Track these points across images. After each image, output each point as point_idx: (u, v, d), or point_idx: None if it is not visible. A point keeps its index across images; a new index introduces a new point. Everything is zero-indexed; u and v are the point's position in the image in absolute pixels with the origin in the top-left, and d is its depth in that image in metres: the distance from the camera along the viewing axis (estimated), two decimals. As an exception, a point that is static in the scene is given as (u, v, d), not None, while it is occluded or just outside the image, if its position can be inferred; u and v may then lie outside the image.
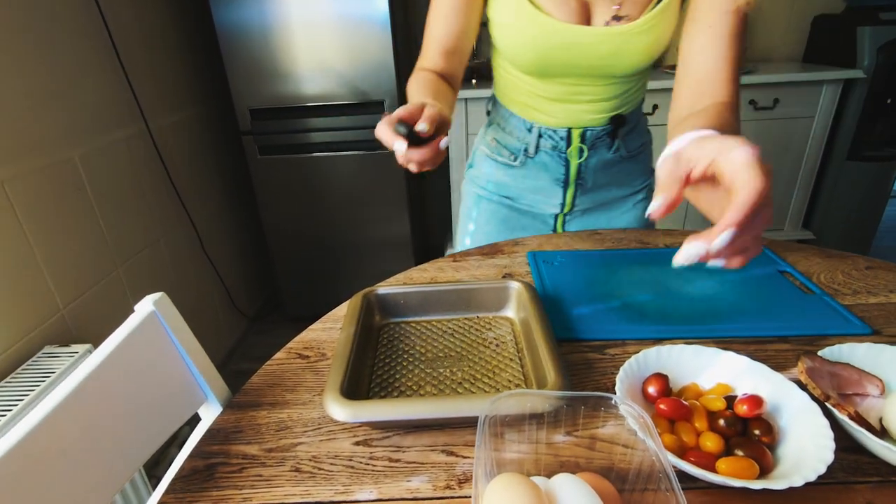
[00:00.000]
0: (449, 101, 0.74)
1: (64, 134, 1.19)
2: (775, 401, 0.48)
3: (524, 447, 0.46)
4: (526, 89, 0.81)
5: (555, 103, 0.80)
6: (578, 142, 0.83)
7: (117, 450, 0.48)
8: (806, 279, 0.73)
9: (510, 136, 0.88)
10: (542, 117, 0.83)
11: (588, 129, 0.82)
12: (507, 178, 0.91)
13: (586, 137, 0.83)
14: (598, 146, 0.85)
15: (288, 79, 1.77)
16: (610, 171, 0.89)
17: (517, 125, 0.86)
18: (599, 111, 0.81)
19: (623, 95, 0.81)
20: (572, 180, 0.88)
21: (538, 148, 0.85)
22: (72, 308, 1.18)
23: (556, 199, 0.92)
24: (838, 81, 1.97)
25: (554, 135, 0.83)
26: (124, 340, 0.48)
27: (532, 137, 0.85)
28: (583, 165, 0.86)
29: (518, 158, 0.88)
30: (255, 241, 2.23)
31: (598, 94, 0.79)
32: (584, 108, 0.81)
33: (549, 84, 0.78)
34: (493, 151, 0.92)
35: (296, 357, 0.64)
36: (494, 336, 0.66)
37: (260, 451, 0.50)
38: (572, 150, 0.84)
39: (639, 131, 0.90)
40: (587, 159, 0.85)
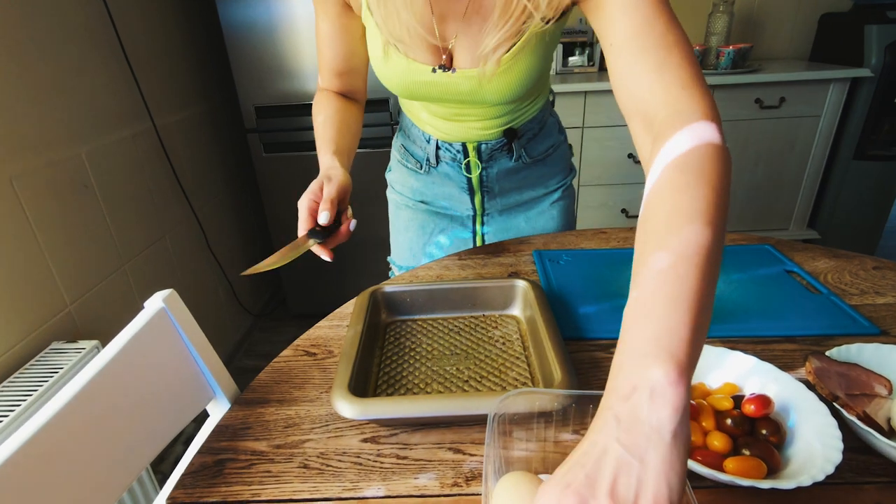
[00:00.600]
0: (352, 131, 0.75)
1: (71, 131, 1.20)
2: (783, 401, 0.48)
3: (532, 445, 0.46)
4: (417, 105, 0.81)
5: (444, 121, 0.80)
6: (474, 156, 0.82)
7: (126, 446, 0.49)
8: (813, 279, 0.73)
9: (414, 145, 0.87)
10: (436, 132, 0.82)
11: (482, 143, 0.81)
12: (419, 183, 0.91)
13: (481, 150, 0.82)
14: (496, 157, 0.84)
15: (293, 76, 1.77)
16: (516, 176, 0.88)
17: (418, 135, 0.85)
18: (489, 128, 0.79)
19: (511, 113, 0.78)
20: (476, 188, 0.87)
21: (438, 159, 0.85)
22: (79, 304, 1.19)
23: (466, 205, 0.90)
24: (845, 80, 1.95)
25: (451, 148, 0.83)
26: (134, 337, 0.48)
27: (431, 148, 0.84)
28: (484, 175, 0.85)
29: (423, 167, 0.88)
30: (259, 238, 2.24)
31: (483, 114, 0.77)
32: (472, 126, 0.79)
33: (433, 105, 0.77)
34: (402, 157, 0.91)
35: (303, 354, 0.64)
36: (501, 334, 0.66)
37: (268, 447, 0.50)
38: (470, 162, 0.83)
39: (543, 136, 0.86)
40: (487, 169, 0.85)
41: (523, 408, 0.43)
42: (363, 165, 1.89)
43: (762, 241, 0.86)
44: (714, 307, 0.66)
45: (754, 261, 0.79)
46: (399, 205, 0.96)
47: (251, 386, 0.59)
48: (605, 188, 2.14)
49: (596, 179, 2.11)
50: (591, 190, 2.14)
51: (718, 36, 2.09)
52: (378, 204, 1.00)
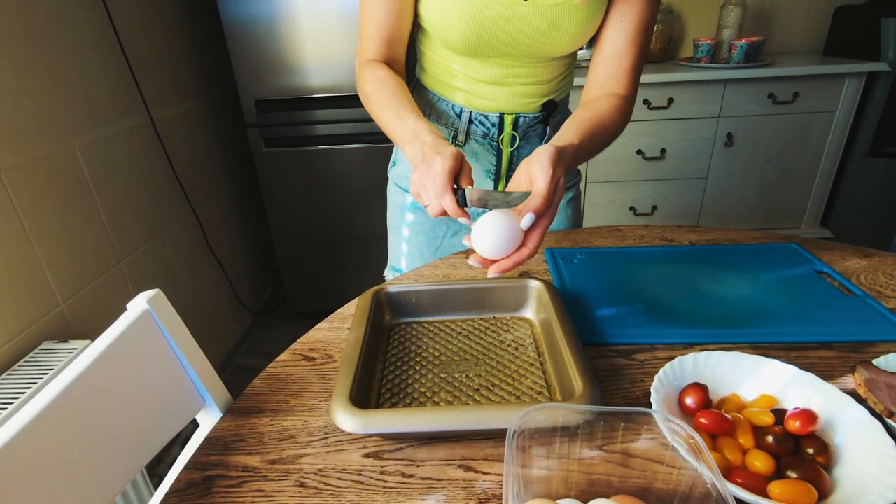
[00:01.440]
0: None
1: (63, 123, 1.16)
2: (828, 416, 0.43)
3: (552, 463, 0.42)
4: (457, 71, 0.76)
5: (488, 86, 0.76)
6: (511, 128, 0.79)
7: (108, 459, 0.44)
8: (845, 280, 0.68)
9: (437, 124, 0.81)
10: (474, 100, 0.78)
11: (521, 116, 0.78)
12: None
13: (519, 124, 0.79)
14: (530, 136, 0.81)
15: (294, 70, 1.73)
16: None
17: (446, 110, 0.80)
18: (533, 95, 0.77)
19: (556, 80, 0.78)
20: (504, 172, 0.83)
21: (468, 135, 0.80)
22: (72, 303, 1.15)
23: None
24: (861, 75, 1.90)
25: (485, 120, 0.78)
26: (115, 341, 0.44)
27: (462, 123, 0.79)
28: (515, 156, 0.82)
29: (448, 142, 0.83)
30: (260, 235, 2.20)
31: (533, 76, 0.75)
32: (517, 91, 0.76)
33: (482, 65, 0.74)
34: None
35: (301, 359, 0.60)
36: (513, 338, 0.61)
37: (261, 462, 0.46)
38: (504, 138, 0.80)
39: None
40: (519, 149, 0.81)
41: (545, 423, 0.39)
42: (368, 160, 1.85)
43: (787, 239, 0.81)
44: (740, 309, 0.63)
45: (781, 260, 0.74)
46: (404, 207, 0.89)
47: (244, 394, 0.55)
48: (613, 185, 2.09)
49: (604, 176, 2.06)
50: (598, 187, 2.09)
51: (731, 29, 2.04)
52: (383, 199, 0.94)
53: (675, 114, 1.95)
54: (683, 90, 1.91)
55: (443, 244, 0.88)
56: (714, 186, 2.09)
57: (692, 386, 0.47)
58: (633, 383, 0.53)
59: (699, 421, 0.43)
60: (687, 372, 0.49)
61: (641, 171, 2.06)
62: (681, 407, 0.47)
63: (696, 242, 0.82)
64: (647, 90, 1.90)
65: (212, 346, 1.79)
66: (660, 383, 0.47)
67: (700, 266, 0.74)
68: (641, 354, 0.57)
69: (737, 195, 2.11)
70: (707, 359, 0.50)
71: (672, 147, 2.02)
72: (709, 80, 1.89)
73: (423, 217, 0.88)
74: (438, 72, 0.79)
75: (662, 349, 0.58)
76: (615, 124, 0.68)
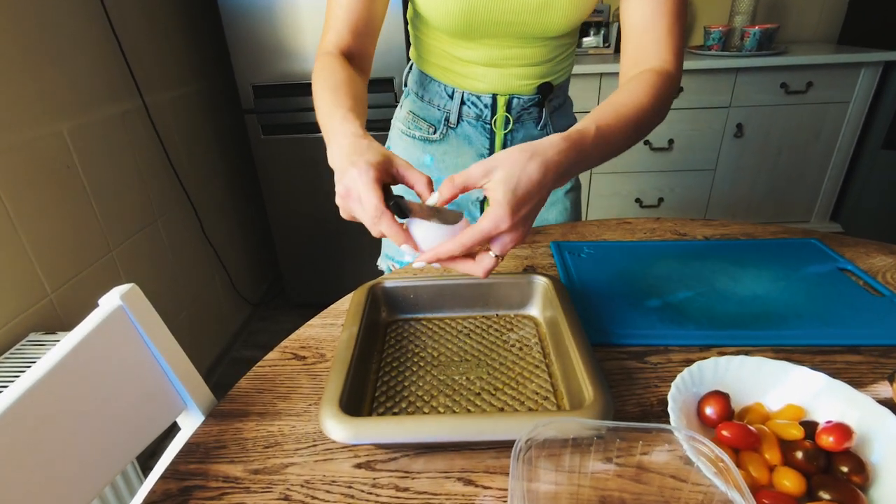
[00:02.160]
0: (363, 102, 0.62)
1: (51, 107, 1.11)
2: (863, 430, 0.39)
3: (561, 477, 0.38)
4: (449, 53, 0.73)
5: (481, 67, 0.72)
6: (504, 110, 0.75)
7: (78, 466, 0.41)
8: (871, 278, 0.64)
9: (429, 106, 0.78)
10: (466, 82, 0.74)
11: (514, 97, 0.74)
12: (426, 156, 0.81)
13: (512, 106, 0.75)
14: (524, 119, 0.77)
15: (293, 54, 1.67)
16: None
17: (438, 91, 0.77)
18: (527, 76, 0.73)
19: (552, 62, 0.74)
20: None
21: (461, 117, 0.77)
22: (61, 293, 1.11)
23: None
24: (878, 64, 1.84)
25: (478, 101, 0.75)
26: (83, 340, 0.40)
27: (454, 105, 0.76)
28: (508, 139, 0.78)
29: (438, 130, 0.79)
30: (258, 224, 2.16)
31: (527, 57, 0.71)
32: (511, 73, 0.73)
33: (475, 47, 0.70)
34: (409, 126, 0.82)
35: (290, 358, 0.56)
36: (517, 338, 0.58)
37: (244, 472, 0.43)
38: (497, 120, 0.76)
39: (565, 112, 0.84)
40: (513, 132, 0.77)
41: (552, 436, 0.35)
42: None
43: (806, 234, 0.77)
44: (759, 309, 0.59)
45: (801, 257, 0.70)
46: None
47: (229, 396, 0.51)
48: (619, 176, 2.04)
49: (609, 167, 2.01)
50: (603, 178, 2.04)
51: (743, 16, 1.98)
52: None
53: (684, 103, 1.90)
54: (693, 79, 1.85)
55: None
56: (722, 178, 2.04)
57: (713, 394, 0.43)
58: (647, 389, 0.49)
59: (721, 434, 0.40)
60: (706, 378, 0.45)
61: (648, 161, 2.01)
62: (700, 417, 0.43)
63: (711, 237, 0.78)
64: (655, 78, 1.85)
65: (209, 337, 1.76)
66: (677, 391, 0.43)
67: (715, 262, 0.70)
68: (655, 357, 0.54)
69: (745, 187, 2.06)
70: (728, 364, 0.46)
71: (680, 137, 1.97)
72: (719, 69, 1.84)
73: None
74: (431, 54, 0.75)
75: (677, 351, 0.54)
76: (645, 105, 0.55)
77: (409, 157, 0.83)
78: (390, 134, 0.87)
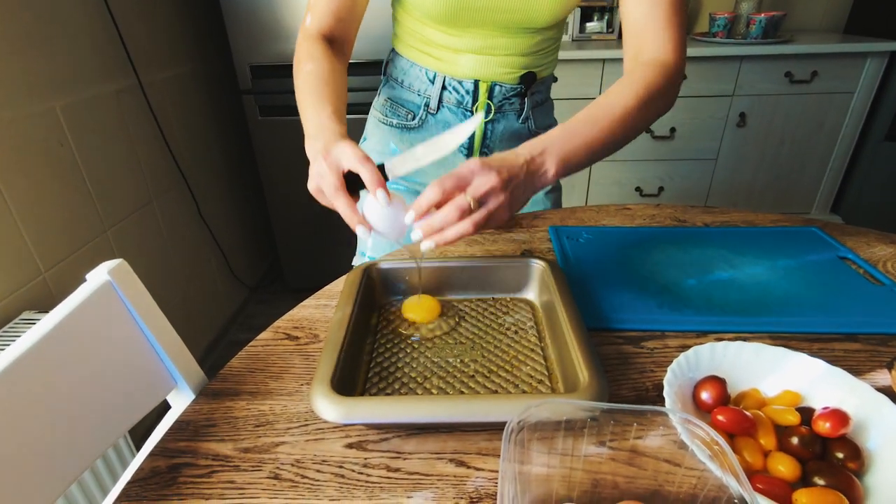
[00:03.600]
0: (345, 99, 0.64)
1: (44, 83, 1.09)
2: (860, 417, 0.39)
3: (553, 460, 0.38)
4: (433, 40, 0.71)
5: (465, 55, 0.71)
6: (486, 97, 0.73)
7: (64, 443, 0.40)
8: (871, 267, 0.64)
9: (409, 91, 0.76)
10: (448, 66, 0.72)
11: (497, 84, 0.73)
12: (404, 145, 0.79)
13: (494, 93, 0.73)
14: (505, 109, 0.75)
15: (292, 34, 1.65)
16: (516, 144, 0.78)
17: (419, 76, 0.75)
18: (512, 66, 0.72)
19: (536, 54, 0.72)
20: (477, 147, 0.77)
21: (441, 102, 0.75)
22: (55, 272, 1.10)
23: None
24: (883, 54, 1.82)
25: (459, 87, 0.73)
26: (69, 316, 0.39)
27: (435, 90, 0.74)
28: (489, 130, 0.76)
29: (417, 116, 0.77)
30: (255, 207, 2.14)
31: (513, 47, 0.70)
32: (495, 61, 0.71)
33: (460, 35, 0.69)
34: (386, 114, 0.80)
35: (283, 338, 0.56)
36: (513, 321, 0.57)
37: (234, 450, 0.42)
38: (479, 107, 0.74)
39: (546, 111, 0.82)
40: (494, 122, 0.75)
41: (546, 419, 0.35)
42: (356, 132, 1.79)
43: (808, 223, 0.76)
44: (758, 296, 0.58)
45: (801, 245, 0.70)
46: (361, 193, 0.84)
47: (220, 375, 0.50)
48: (619, 164, 2.02)
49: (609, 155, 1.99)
50: (603, 166, 2.03)
51: (749, 3, 1.94)
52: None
53: (687, 91, 1.87)
54: (697, 66, 1.83)
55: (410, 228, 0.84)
56: (724, 168, 2.03)
57: (709, 379, 0.42)
58: (642, 373, 0.49)
59: (716, 419, 0.39)
60: (703, 363, 0.44)
61: (649, 150, 1.99)
62: (695, 402, 0.42)
63: (711, 224, 0.77)
64: (659, 65, 1.82)
65: (205, 320, 1.76)
66: (673, 375, 0.42)
67: (715, 249, 0.69)
68: (651, 342, 0.53)
69: (747, 177, 2.05)
70: (725, 349, 0.45)
71: (682, 126, 1.95)
72: (724, 56, 1.81)
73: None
74: (414, 40, 0.73)
75: (674, 337, 0.54)
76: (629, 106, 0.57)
77: (383, 149, 0.81)
78: (367, 123, 0.85)
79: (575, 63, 1.78)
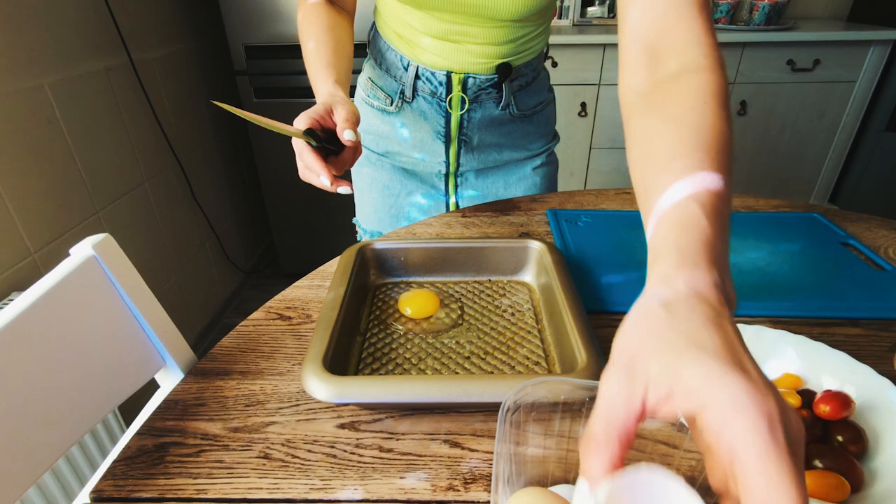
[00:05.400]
0: (348, 54, 0.64)
1: (32, 58, 1.07)
2: (862, 400, 0.38)
3: (549, 441, 0.37)
4: (404, 20, 0.68)
5: (434, 40, 0.67)
6: (459, 89, 0.70)
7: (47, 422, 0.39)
8: (873, 253, 0.63)
9: (387, 75, 0.74)
10: (421, 54, 0.69)
11: (470, 76, 0.69)
12: (386, 126, 0.77)
13: (468, 85, 0.70)
14: (482, 99, 0.72)
15: (288, 15, 1.61)
16: (499, 130, 0.76)
17: (394, 61, 0.72)
18: (485, 56, 0.68)
19: (515, 42, 0.68)
20: (454, 136, 0.75)
21: (416, 91, 0.72)
22: (44, 253, 1.09)
23: (439, 157, 0.78)
24: (887, 42, 1.80)
25: (433, 78, 0.70)
26: (51, 291, 0.38)
27: (409, 78, 0.71)
28: (465, 119, 0.73)
29: (394, 102, 0.75)
30: (250, 191, 2.12)
31: (484, 37, 0.66)
32: (467, 50, 0.67)
33: (427, 18, 0.65)
34: (367, 94, 0.78)
35: (276, 318, 0.55)
36: (510, 303, 0.56)
37: (223, 430, 0.41)
38: (452, 99, 0.71)
39: (536, 89, 0.76)
40: (470, 112, 0.73)
41: (543, 398, 0.34)
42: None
43: (809, 208, 0.76)
44: (759, 280, 0.57)
45: (803, 230, 0.69)
46: (360, 160, 0.82)
47: (210, 354, 0.49)
48: (619, 152, 2.00)
49: (609, 142, 1.98)
50: (602, 153, 2.01)
51: (753, -12, 1.92)
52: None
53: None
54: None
55: (397, 202, 0.82)
56: (723, 157, 2.01)
57: (709, 362, 0.41)
58: (641, 356, 0.48)
59: (716, 401, 0.38)
60: (703, 346, 0.44)
61: (649, 138, 1.97)
62: (695, 384, 0.42)
63: (711, 208, 0.76)
64: (660, 51, 1.80)
65: (199, 304, 1.74)
66: (673, 357, 0.41)
67: (715, 233, 0.68)
68: (650, 325, 0.52)
69: (746, 166, 2.04)
70: (726, 332, 0.44)
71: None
72: (726, 43, 1.79)
73: (377, 172, 0.82)
74: (391, 19, 0.70)
75: (673, 320, 0.53)
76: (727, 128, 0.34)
77: (367, 127, 0.79)
78: (355, 96, 0.83)
79: (575, 48, 1.76)
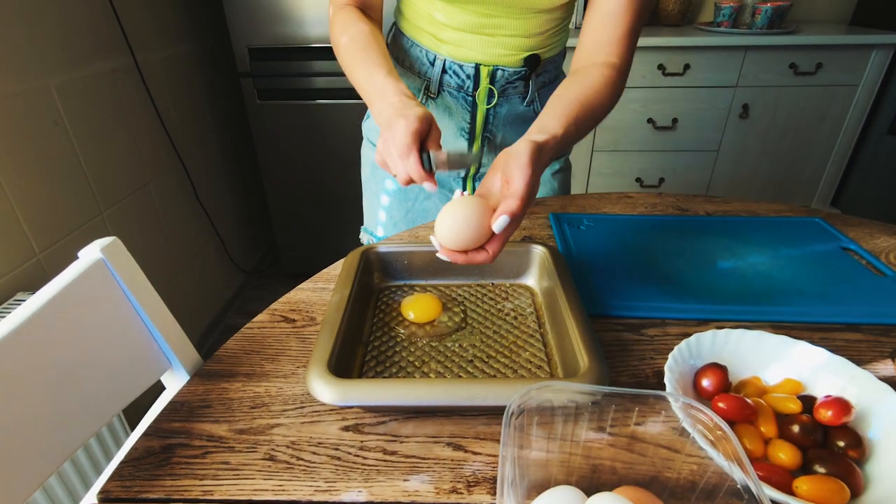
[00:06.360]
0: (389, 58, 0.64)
1: (38, 60, 1.07)
2: (861, 405, 0.39)
3: (553, 445, 0.37)
4: (433, 17, 0.69)
5: (465, 34, 0.69)
6: (487, 82, 0.71)
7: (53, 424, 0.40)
8: (874, 258, 0.63)
9: (410, 72, 0.75)
10: (449, 49, 0.70)
11: (499, 69, 0.70)
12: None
13: (496, 78, 0.71)
14: (509, 93, 0.73)
15: (292, 17, 1.62)
16: (522, 128, 0.75)
17: (419, 56, 0.73)
18: (515, 48, 0.69)
19: (542, 35, 0.69)
20: (479, 132, 0.75)
21: (441, 86, 0.73)
22: (49, 253, 1.09)
23: None
24: (889, 46, 1.80)
25: (460, 71, 0.71)
26: (60, 293, 0.39)
27: (435, 73, 0.72)
28: (491, 113, 0.74)
29: (419, 99, 0.74)
30: (253, 191, 2.12)
31: (515, 28, 0.67)
32: (497, 42, 0.68)
33: (460, 12, 0.66)
34: None
35: (280, 320, 0.55)
36: (512, 307, 0.56)
37: (229, 431, 0.42)
38: (480, 93, 0.72)
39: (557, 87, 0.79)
40: (497, 107, 0.74)
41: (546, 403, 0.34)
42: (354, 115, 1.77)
43: (811, 213, 0.76)
44: (760, 285, 0.58)
45: (804, 235, 0.69)
46: (375, 164, 0.81)
47: (216, 356, 0.50)
48: (621, 154, 2.01)
49: (611, 145, 1.98)
50: (604, 156, 2.01)
51: (755, -8, 1.92)
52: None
53: (691, 81, 1.86)
54: (701, 56, 1.81)
55: (414, 206, 0.83)
56: (725, 160, 2.02)
57: (710, 366, 0.42)
58: (643, 360, 0.49)
59: (717, 406, 0.39)
60: (704, 350, 0.44)
61: (651, 140, 1.98)
62: (696, 389, 0.42)
63: (713, 213, 0.77)
64: (662, 55, 1.80)
65: (202, 304, 1.75)
66: (674, 362, 0.42)
67: (717, 238, 0.69)
68: (651, 329, 0.53)
69: (748, 170, 2.04)
70: (727, 337, 0.45)
71: (684, 117, 1.93)
72: (728, 46, 1.79)
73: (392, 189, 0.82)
74: (415, 16, 0.71)
75: (674, 325, 0.53)
76: (605, 103, 0.59)
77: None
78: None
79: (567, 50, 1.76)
